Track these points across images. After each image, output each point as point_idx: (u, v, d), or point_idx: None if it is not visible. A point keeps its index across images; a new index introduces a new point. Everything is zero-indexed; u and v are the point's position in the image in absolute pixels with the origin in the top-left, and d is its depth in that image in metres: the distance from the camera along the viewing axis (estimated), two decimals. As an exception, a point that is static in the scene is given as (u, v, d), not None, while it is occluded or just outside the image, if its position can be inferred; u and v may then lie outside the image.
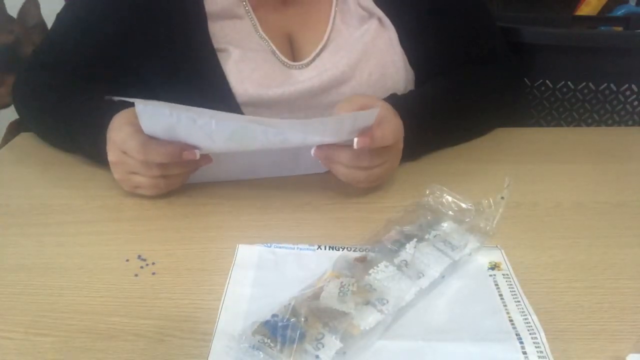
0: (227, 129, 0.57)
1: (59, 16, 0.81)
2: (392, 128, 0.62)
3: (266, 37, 0.77)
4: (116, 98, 0.58)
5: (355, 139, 0.58)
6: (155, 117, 0.57)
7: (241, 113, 0.75)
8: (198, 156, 0.60)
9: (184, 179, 0.65)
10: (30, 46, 1.03)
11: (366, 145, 0.59)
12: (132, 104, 0.58)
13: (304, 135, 0.58)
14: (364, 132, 0.59)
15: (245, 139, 0.58)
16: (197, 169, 0.64)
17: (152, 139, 0.59)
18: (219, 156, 0.63)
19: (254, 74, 0.74)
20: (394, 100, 0.69)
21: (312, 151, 0.61)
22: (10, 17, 1.10)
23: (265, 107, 0.75)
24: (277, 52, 0.77)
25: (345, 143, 0.60)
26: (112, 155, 0.62)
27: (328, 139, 0.60)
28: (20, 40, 1.05)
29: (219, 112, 0.55)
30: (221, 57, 0.74)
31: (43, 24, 1.05)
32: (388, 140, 0.61)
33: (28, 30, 1.04)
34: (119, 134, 0.61)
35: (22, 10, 1.07)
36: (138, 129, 0.59)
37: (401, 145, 0.66)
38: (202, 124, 0.56)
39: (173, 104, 0.55)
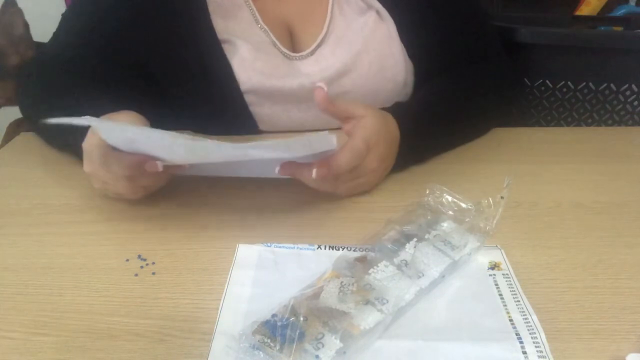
0: (179, 145, 0.53)
1: (65, 15, 0.82)
2: (354, 154, 0.59)
3: (266, 28, 0.78)
4: (70, 120, 0.53)
5: (314, 170, 0.57)
6: (113, 132, 0.55)
7: (243, 101, 0.75)
8: (161, 168, 0.56)
9: (162, 182, 0.63)
10: (16, 56, 0.99)
11: (323, 175, 0.57)
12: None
13: (262, 151, 0.56)
14: (324, 159, 0.57)
15: (204, 150, 0.54)
16: (171, 176, 0.63)
17: (113, 150, 0.57)
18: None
19: (256, 63, 0.74)
20: (395, 110, 0.69)
21: (276, 170, 0.59)
22: None
23: (267, 96, 0.76)
24: (277, 43, 0.78)
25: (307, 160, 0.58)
26: (85, 166, 0.60)
27: (286, 156, 0.58)
28: (5, 51, 1.00)
29: (172, 132, 0.53)
30: (224, 47, 0.75)
31: (28, 33, 1.01)
32: (346, 167, 0.59)
33: (14, 41, 1.00)
34: (88, 142, 0.59)
35: (5, 21, 1.01)
36: (103, 139, 0.58)
37: (386, 164, 0.65)
38: (157, 138, 0.53)
39: (127, 125, 0.53)
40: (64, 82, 0.76)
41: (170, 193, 0.65)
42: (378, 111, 0.65)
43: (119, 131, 0.55)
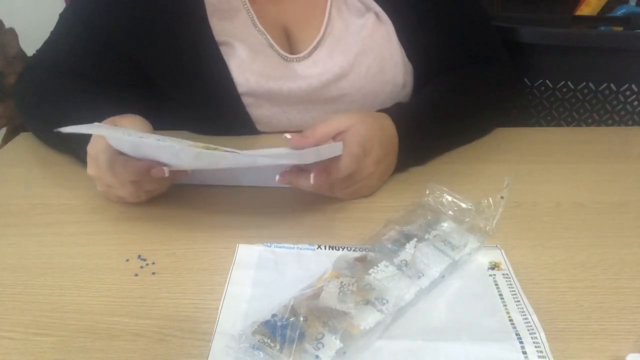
0: (188, 152, 0.54)
1: (62, 16, 0.82)
2: (352, 159, 0.59)
3: (264, 31, 0.78)
4: (72, 129, 0.54)
5: (312, 175, 0.57)
6: (119, 139, 0.56)
7: (241, 103, 0.75)
8: (167, 173, 0.56)
9: (164, 187, 0.64)
10: (14, 76, 0.99)
11: (322, 180, 0.58)
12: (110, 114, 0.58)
13: (272, 160, 0.56)
14: (322, 165, 0.57)
15: (212, 157, 0.55)
16: (175, 181, 0.63)
17: (120, 155, 0.58)
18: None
19: (254, 65, 0.75)
20: (395, 111, 0.69)
21: (276, 178, 0.59)
22: None
23: (265, 98, 0.76)
24: (275, 45, 0.78)
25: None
26: (90, 169, 0.61)
27: (294, 163, 0.59)
28: (3, 72, 1.01)
29: (183, 140, 0.53)
30: (222, 49, 0.75)
31: (23, 53, 1.01)
32: (345, 172, 0.59)
33: (9, 61, 1.00)
34: (93, 147, 0.60)
35: (1, 42, 1.00)
36: (110, 144, 0.58)
37: (383, 167, 0.65)
38: (166, 145, 0.54)
39: (135, 133, 0.54)
40: (62, 84, 0.76)
41: (170, 194, 0.65)
42: (367, 116, 0.64)
43: (126, 139, 0.55)
